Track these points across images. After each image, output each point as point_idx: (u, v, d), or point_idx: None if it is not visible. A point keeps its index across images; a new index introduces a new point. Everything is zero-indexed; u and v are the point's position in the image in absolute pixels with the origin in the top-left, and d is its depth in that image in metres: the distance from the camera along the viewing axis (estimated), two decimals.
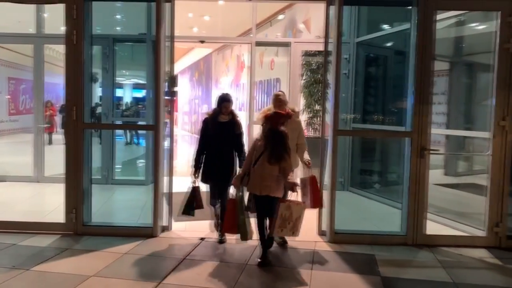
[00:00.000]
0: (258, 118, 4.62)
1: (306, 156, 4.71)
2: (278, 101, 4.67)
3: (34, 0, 4.95)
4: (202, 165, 4.77)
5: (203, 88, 20.90)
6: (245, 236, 4.14)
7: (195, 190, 4.68)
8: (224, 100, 4.73)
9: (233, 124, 4.75)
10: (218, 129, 4.70)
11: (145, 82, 8.20)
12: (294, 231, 4.03)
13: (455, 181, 7.37)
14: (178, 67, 25.30)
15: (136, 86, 25.19)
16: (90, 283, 3.64)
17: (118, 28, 8.46)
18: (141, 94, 24.06)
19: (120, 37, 8.04)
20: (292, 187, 4.00)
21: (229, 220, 4.16)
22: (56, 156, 8.34)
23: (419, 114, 4.72)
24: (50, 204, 6.09)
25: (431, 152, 4.80)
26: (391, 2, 5.14)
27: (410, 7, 4.84)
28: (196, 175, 4.74)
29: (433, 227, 5.23)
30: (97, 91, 9.10)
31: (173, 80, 5.34)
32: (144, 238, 4.83)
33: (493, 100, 4.74)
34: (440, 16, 5.89)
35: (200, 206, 4.72)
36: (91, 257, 4.24)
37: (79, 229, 4.92)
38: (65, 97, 4.84)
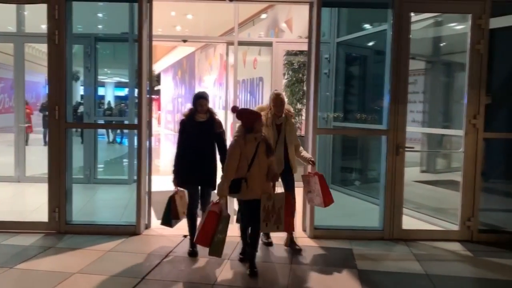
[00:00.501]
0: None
1: (307, 154, 4.68)
2: (280, 100, 4.48)
3: (16, 0, 4.97)
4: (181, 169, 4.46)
5: (186, 86, 20.94)
6: (216, 253, 3.84)
7: (171, 199, 4.46)
8: (199, 97, 4.42)
9: (212, 123, 4.42)
10: (197, 130, 4.38)
11: (127, 81, 8.27)
12: (279, 225, 3.98)
13: (433, 178, 7.65)
14: (160, 65, 25.30)
15: (118, 85, 25.08)
16: (74, 279, 3.74)
17: (100, 27, 8.50)
18: (123, 92, 24.00)
19: (102, 36, 8.08)
20: (273, 177, 4.04)
21: (205, 233, 3.82)
22: (35, 156, 8.39)
23: (395, 113, 4.93)
24: (32, 203, 6.15)
25: (406, 149, 5.01)
26: (368, 5, 5.33)
27: (387, 10, 5.04)
28: (177, 183, 4.48)
29: (411, 222, 5.47)
30: (79, 90, 9.14)
31: (151, 79, 5.25)
32: (127, 236, 4.93)
33: (465, 99, 4.97)
34: (418, 17, 6.13)
35: (175, 216, 4.48)
36: (74, 255, 4.33)
37: (62, 228, 4.99)
38: (48, 97, 4.91)
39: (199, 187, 4.46)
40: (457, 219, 5.13)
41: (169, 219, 4.49)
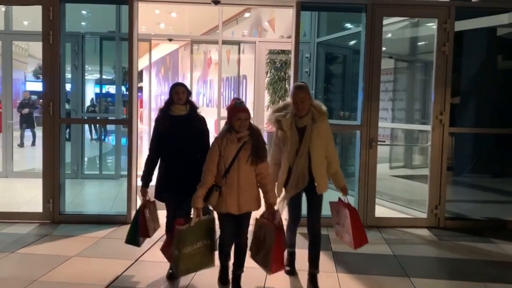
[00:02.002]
0: (270, 119, 3.69)
1: (343, 178, 3.72)
2: (301, 97, 3.55)
3: (12, 1, 5.32)
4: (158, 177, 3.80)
5: (169, 84, 21.25)
6: (175, 271, 3.49)
7: (139, 213, 3.78)
8: (175, 85, 3.79)
9: (192, 118, 3.75)
10: (174, 126, 3.69)
11: (113, 78, 8.65)
12: (266, 265, 3.31)
13: (410, 173, 8.25)
14: (143, 62, 25.51)
15: (105, 82, 25.22)
16: (72, 261, 4.15)
17: (87, 25, 8.85)
18: (104, 89, 24.20)
19: (89, 34, 8.44)
20: (270, 206, 3.37)
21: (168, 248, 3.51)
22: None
23: (368, 109, 5.45)
24: (23, 197, 6.51)
25: (379, 143, 5.54)
26: (344, 9, 5.84)
27: (361, 13, 5.55)
28: (146, 193, 3.80)
29: (385, 211, 6.02)
30: (66, 87, 9.45)
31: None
32: (118, 225, 5.34)
33: (432, 97, 5.52)
34: (395, 19, 6.68)
35: (144, 233, 3.81)
36: (70, 241, 4.74)
37: (56, 218, 5.38)
38: (42, 94, 5.29)
39: (180, 197, 3.68)
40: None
41: (135, 237, 3.83)
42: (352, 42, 7.82)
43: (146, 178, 3.80)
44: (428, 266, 4.39)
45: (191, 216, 3.38)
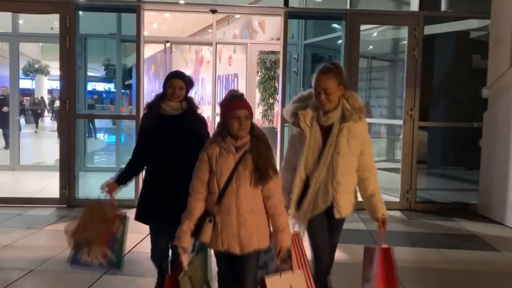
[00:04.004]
0: (287, 111, 2.86)
1: (382, 205, 2.92)
2: (324, 82, 2.68)
3: (32, 10, 6.16)
4: (141, 194, 3.15)
5: (160, 82, 22.05)
6: None
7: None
8: (172, 76, 3.00)
9: (189, 119, 2.98)
10: (164, 129, 2.95)
11: (97, 75, 9.51)
12: None
13: (392, 165, 9.27)
14: (132, 60, 26.26)
15: (90, 79, 26.01)
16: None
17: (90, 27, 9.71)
18: (91, 86, 25.12)
19: (92, 35, 9.30)
20: (280, 251, 2.46)
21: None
22: None
23: None
24: (34, 187, 7.34)
25: None
26: (326, 17, 6.80)
27: (341, 21, 6.51)
28: (112, 190, 3.12)
29: None
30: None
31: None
32: (127, 208, 6.19)
33: (404, 94, 6.49)
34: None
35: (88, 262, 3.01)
36: None
37: (71, 202, 6.24)
38: (60, 92, 6.16)
39: (169, 221, 2.81)
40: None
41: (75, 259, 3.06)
42: (337, 44, 8.80)
43: (122, 178, 3.14)
44: (396, 238, 5.36)
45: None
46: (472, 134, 7.83)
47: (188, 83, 3.01)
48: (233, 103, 2.46)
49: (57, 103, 17.88)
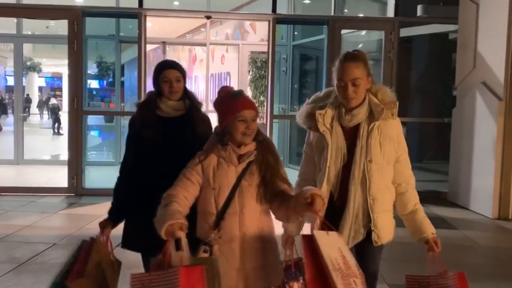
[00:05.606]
0: (301, 113, 2.39)
1: (428, 223, 2.39)
2: (355, 75, 2.24)
3: (42, 16, 6.93)
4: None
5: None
6: None
7: (80, 249, 2.22)
8: (163, 67, 2.47)
9: (194, 122, 2.46)
10: (164, 133, 2.42)
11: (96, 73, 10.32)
12: None
13: None
14: (125, 57, 26.96)
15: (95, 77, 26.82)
16: (103, 217, 5.84)
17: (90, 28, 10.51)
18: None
19: (92, 36, 10.08)
20: (314, 198, 1.85)
21: None
22: None
23: None
24: (41, 178, 8.12)
25: None
26: (311, 23, 7.65)
27: (324, 26, 7.35)
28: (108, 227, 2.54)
29: None
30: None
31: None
32: None
33: None
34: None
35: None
36: (97, 207, 6.38)
37: (79, 191, 7.03)
38: (68, 91, 6.95)
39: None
40: None
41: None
42: (324, 45, 9.66)
43: (117, 212, 2.63)
44: None
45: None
46: (448, 129, 8.72)
47: (184, 73, 2.48)
48: (236, 103, 2.02)
49: (52, 101, 18.62)
